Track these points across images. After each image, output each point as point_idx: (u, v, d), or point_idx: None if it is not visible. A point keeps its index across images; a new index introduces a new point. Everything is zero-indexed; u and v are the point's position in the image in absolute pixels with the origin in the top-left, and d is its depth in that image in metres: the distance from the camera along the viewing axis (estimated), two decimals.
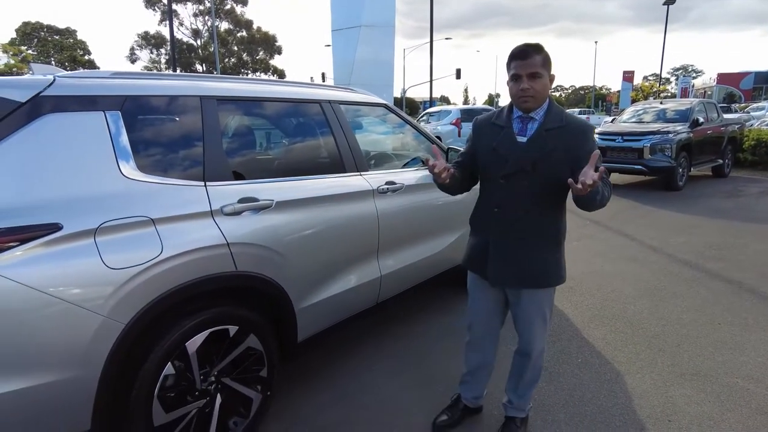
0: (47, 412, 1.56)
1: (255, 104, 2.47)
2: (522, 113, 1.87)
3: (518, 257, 1.92)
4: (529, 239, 1.90)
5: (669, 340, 3.11)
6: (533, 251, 1.91)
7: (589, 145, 1.82)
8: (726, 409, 2.38)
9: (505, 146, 1.88)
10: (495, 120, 1.96)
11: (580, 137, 1.83)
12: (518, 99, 1.83)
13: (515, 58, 1.80)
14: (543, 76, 1.79)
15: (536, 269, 1.92)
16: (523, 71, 1.78)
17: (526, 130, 1.87)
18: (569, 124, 1.84)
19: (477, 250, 2.03)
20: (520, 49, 1.79)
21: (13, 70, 20.95)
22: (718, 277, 4.26)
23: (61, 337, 1.55)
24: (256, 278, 2.09)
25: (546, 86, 1.82)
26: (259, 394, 2.17)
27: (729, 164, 10.34)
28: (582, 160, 1.74)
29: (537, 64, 1.77)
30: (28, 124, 1.62)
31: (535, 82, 1.78)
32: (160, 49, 48.75)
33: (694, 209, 7.09)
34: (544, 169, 1.82)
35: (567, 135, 1.82)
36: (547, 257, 1.93)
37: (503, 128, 1.91)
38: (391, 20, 23.43)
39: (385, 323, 3.40)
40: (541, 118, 1.85)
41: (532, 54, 1.77)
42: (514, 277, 1.94)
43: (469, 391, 2.29)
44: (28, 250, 1.49)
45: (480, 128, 2.02)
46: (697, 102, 9.83)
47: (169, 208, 1.84)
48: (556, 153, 1.82)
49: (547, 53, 1.80)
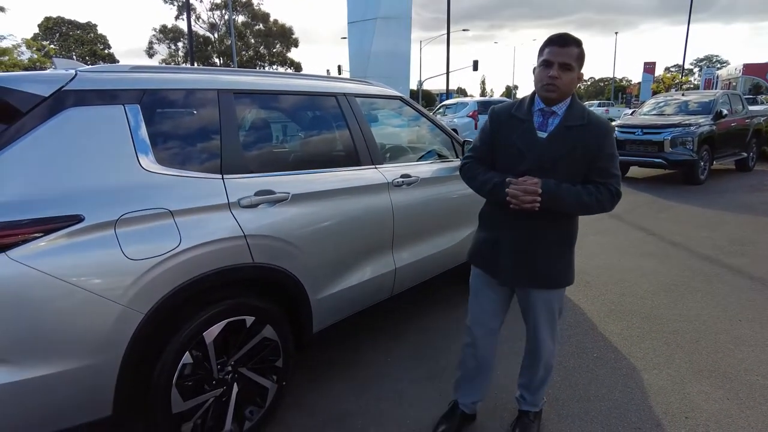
0: (71, 398, 1.61)
1: (271, 97, 2.49)
2: (544, 106, 1.81)
3: (531, 256, 1.87)
4: (543, 238, 1.86)
5: (687, 336, 3.07)
6: (547, 251, 1.87)
7: (609, 148, 1.79)
8: (745, 407, 2.34)
9: (524, 141, 1.81)
10: (515, 111, 1.87)
11: (601, 138, 1.78)
12: (543, 86, 1.75)
13: (552, 43, 1.73)
14: (574, 69, 1.73)
15: (549, 269, 1.88)
16: (556, 58, 1.71)
17: (547, 125, 1.81)
18: (591, 123, 1.78)
19: (486, 247, 1.97)
20: (560, 35, 1.73)
21: (36, 64, 21.37)
22: (739, 273, 4.18)
23: (83, 325, 1.60)
24: (273, 270, 2.12)
25: (574, 81, 1.76)
26: (274, 384, 2.21)
27: (754, 158, 10.10)
28: (599, 161, 1.76)
29: (572, 55, 1.71)
30: (51, 118, 1.66)
31: (564, 73, 1.72)
32: (177, 42, 49.24)
33: (716, 204, 6.95)
34: (563, 167, 1.77)
35: (588, 134, 1.77)
36: (560, 257, 1.90)
37: (524, 121, 1.83)
38: (407, 12, 23.23)
39: (398, 315, 3.41)
40: (563, 113, 1.79)
41: (570, 44, 1.71)
42: (527, 277, 1.90)
43: (468, 396, 2.18)
44: (52, 241, 1.53)
45: (498, 119, 1.92)
46: (720, 93, 9.60)
47: (187, 200, 1.87)
48: (576, 152, 1.77)
49: (584, 50, 1.75)
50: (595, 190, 1.78)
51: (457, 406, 2.20)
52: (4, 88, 1.66)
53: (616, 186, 1.81)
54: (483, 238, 2.01)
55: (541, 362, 2.06)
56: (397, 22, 22.70)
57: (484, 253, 1.98)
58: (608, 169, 1.81)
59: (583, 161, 1.78)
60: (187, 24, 22.55)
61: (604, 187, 1.79)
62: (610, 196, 1.79)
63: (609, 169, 1.81)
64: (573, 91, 1.80)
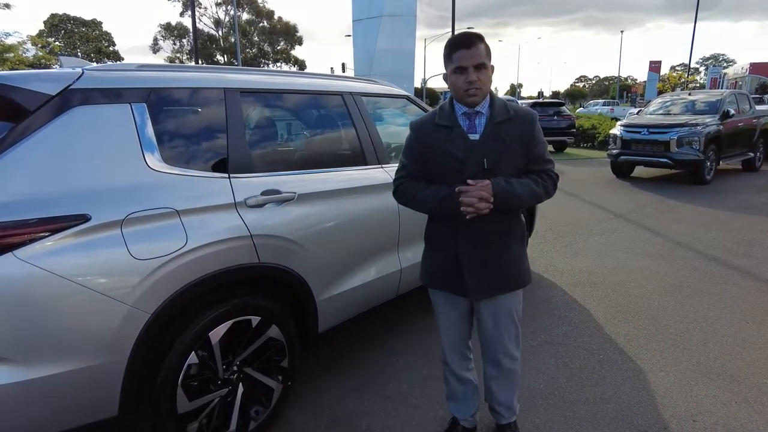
0: (77, 398, 1.61)
1: (277, 96, 2.48)
2: (467, 109, 1.75)
3: (495, 263, 1.80)
4: (499, 241, 1.80)
5: (694, 338, 3.05)
6: (506, 253, 1.82)
7: (539, 135, 1.78)
8: (754, 411, 2.32)
9: (458, 146, 1.73)
10: (438, 121, 1.78)
11: (531, 126, 1.76)
12: (464, 93, 1.69)
13: (460, 47, 1.66)
14: (487, 66, 1.69)
15: (511, 272, 1.83)
16: (469, 62, 1.65)
17: (476, 127, 1.75)
18: (516, 114, 1.75)
19: (443, 266, 1.86)
20: (464, 37, 1.68)
21: (41, 61, 21.43)
22: (747, 274, 4.15)
23: (90, 325, 1.59)
24: (279, 270, 2.11)
25: (490, 78, 1.72)
26: (280, 384, 2.20)
27: (761, 158, 10.03)
28: (534, 149, 1.75)
29: (482, 53, 1.66)
30: (58, 117, 1.65)
31: (481, 73, 1.67)
32: (182, 39, 49.28)
33: (722, 204, 6.90)
34: (504, 163, 1.72)
35: (518, 126, 1.73)
36: (517, 257, 1.85)
37: (451, 128, 1.75)
38: (412, 10, 23.15)
39: (406, 316, 3.40)
40: (487, 111, 1.74)
41: (476, 42, 1.65)
42: (492, 285, 1.82)
43: (463, 411, 2.11)
44: (58, 240, 1.53)
45: (423, 132, 1.82)
46: (728, 93, 9.54)
47: (193, 199, 1.86)
48: (512, 145, 1.72)
49: (487, 43, 1.70)
50: (539, 179, 1.78)
51: (457, 422, 2.13)
52: (11, 86, 1.66)
53: (554, 171, 1.83)
54: (438, 258, 1.89)
55: (510, 371, 1.99)
56: (402, 20, 22.63)
57: (446, 273, 1.86)
58: (543, 155, 1.80)
59: (521, 152, 1.74)
60: (192, 21, 22.58)
61: (546, 174, 1.80)
62: (552, 183, 1.81)
63: (544, 155, 1.80)
64: (489, 88, 1.75)
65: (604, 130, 14.68)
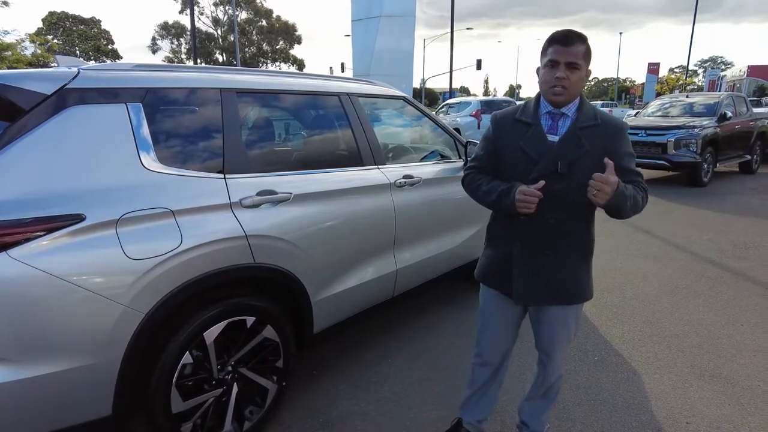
0: (71, 398, 1.61)
1: (274, 97, 2.48)
2: (552, 109, 1.70)
3: (548, 270, 1.73)
4: (560, 250, 1.72)
5: (689, 341, 3.06)
6: (564, 263, 1.74)
7: (626, 146, 1.70)
8: (747, 413, 2.33)
9: (533, 146, 1.69)
10: (519, 116, 1.74)
11: (617, 136, 1.68)
12: (550, 89, 1.64)
13: (556, 42, 1.61)
14: (581, 68, 1.62)
15: (567, 284, 1.75)
16: (562, 58, 1.60)
17: (557, 128, 1.69)
18: (603, 123, 1.68)
19: (498, 263, 1.83)
20: (563, 33, 1.62)
21: (40, 59, 21.37)
22: (742, 276, 4.16)
23: (83, 325, 1.59)
24: (274, 270, 2.11)
25: (582, 80, 1.65)
26: (274, 384, 2.20)
27: (758, 160, 10.06)
28: (621, 161, 1.64)
29: (579, 53, 1.60)
30: (54, 116, 1.65)
31: (572, 73, 1.61)
32: (180, 38, 49.22)
33: (719, 206, 6.93)
34: (579, 171, 1.63)
35: (602, 134, 1.66)
36: (578, 270, 1.76)
37: (530, 125, 1.71)
38: (411, 10, 23.18)
39: (401, 317, 3.40)
40: (574, 114, 1.68)
41: (575, 41, 1.60)
42: (543, 294, 1.76)
43: (475, 414, 2.05)
44: (53, 240, 1.53)
45: (501, 125, 1.79)
46: (725, 95, 9.55)
47: (189, 199, 1.86)
48: (592, 154, 1.64)
49: (590, 45, 1.64)
50: (634, 189, 1.67)
51: (461, 424, 2.08)
52: (6, 85, 1.66)
53: (644, 184, 1.73)
54: (494, 254, 1.87)
55: (550, 386, 1.96)
56: (401, 20, 22.65)
57: (498, 271, 1.84)
58: (632, 168, 1.71)
59: (599, 162, 1.59)
60: (191, 20, 22.56)
61: (638, 186, 1.70)
62: (645, 196, 1.71)
63: (632, 167, 1.71)
64: (581, 91, 1.71)
65: None
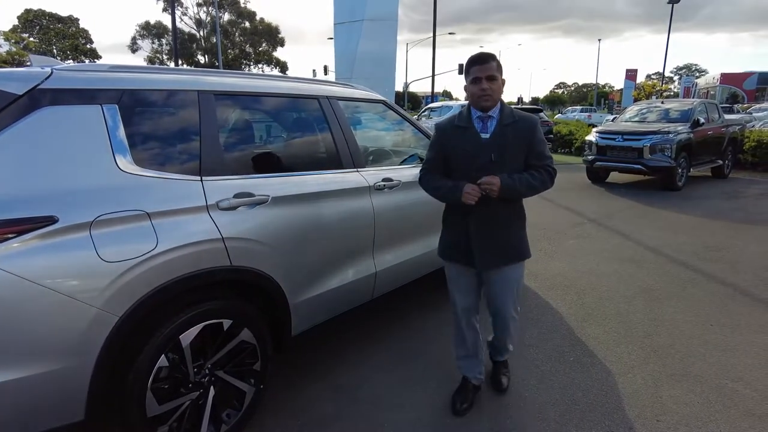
0: (42, 403, 1.58)
1: (253, 99, 2.48)
2: (481, 113, 2.15)
3: (500, 238, 2.21)
4: (505, 220, 2.21)
5: (661, 341, 3.13)
6: (510, 230, 2.24)
7: (539, 135, 2.19)
8: (714, 411, 2.40)
9: (472, 144, 2.15)
10: (457, 122, 2.21)
11: (532, 129, 2.17)
12: (478, 98, 2.11)
13: (475, 63, 2.10)
14: (498, 78, 2.11)
15: (515, 245, 2.25)
16: (482, 74, 2.08)
17: (487, 128, 2.15)
18: (521, 119, 2.17)
19: (458, 242, 2.27)
20: (479, 56, 2.12)
21: (15, 58, 20.88)
22: (714, 278, 4.28)
23: (56, 328, 1.57)
24: (251, 273, 2.11)
25: (500, 87, 2.15)
26: (252, 387, 2.20)
27: (729, 165, 10.34)
28: (534, 147, 2.16)
29: (493, 68, 2.09)
30: (25, 117, 1.63)
31: (492, 84, 2.09)
32: (161, 38, 48.58)
33: (693, 210, 7.10)
34: (507, 158, 2.13)
35: (521, 128, 2.15)
36: (520, 233, 2.28)
37: (467, 128, 2.17)
38: (394, 14, 23.30)
39: (381, 318, 3.42)
40: (498, 116, 2.16)
41: (489, 60, 2.10)
42: (499, 257, 2.23)
43: (474, 369, 2.51)
44: (25, 242, 1.51)
45: (444, 132, 2.26)
46: (698, 102, 9.82)
47: (164, 202, 1.85)
48: (515, 143, 2.13)
49: (500, 61, 2.13)
50: (537, 174, 2.15)
51: (468, 380, 2.51)
52: None
53: (552, 165, 2.20)
54: (452, 236, 2.31)
55: (508, 332, 2.47)
56: (384, 24, 22.75)
57: (459, 248, 2.27)
58: (543, 152, 2.18)
59: (522, 149, 2.15)
60: (172, 20, 22.30)
61: (543, 169, 2.17)
62: (549, 176, 2.18)
63: (543, 152, 2.19)
64: (501, 96, 2.18)
65: (581, 136, 14.93)
